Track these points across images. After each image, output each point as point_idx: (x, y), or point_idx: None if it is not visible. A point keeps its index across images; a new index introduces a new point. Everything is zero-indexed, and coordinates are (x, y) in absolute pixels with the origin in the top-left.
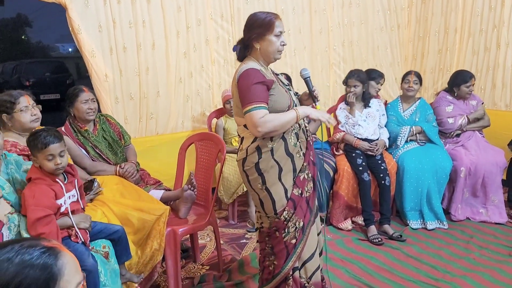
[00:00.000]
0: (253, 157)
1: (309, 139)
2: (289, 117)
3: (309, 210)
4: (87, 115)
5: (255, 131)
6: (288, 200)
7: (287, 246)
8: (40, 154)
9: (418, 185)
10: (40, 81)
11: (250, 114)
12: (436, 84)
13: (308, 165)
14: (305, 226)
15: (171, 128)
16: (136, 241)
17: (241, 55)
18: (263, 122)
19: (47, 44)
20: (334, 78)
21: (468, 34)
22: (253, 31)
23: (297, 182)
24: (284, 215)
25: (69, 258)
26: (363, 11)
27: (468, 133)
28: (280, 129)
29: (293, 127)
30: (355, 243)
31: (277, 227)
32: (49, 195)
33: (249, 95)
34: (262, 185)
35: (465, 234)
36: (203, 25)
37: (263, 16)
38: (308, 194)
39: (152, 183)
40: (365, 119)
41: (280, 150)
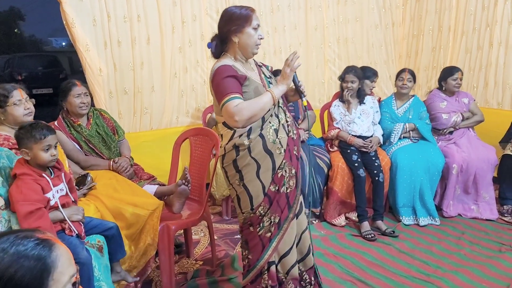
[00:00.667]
0: (231, 155)
1: (291, 135)
2: (265, 100)
3: (287, 206)
4: (80, 109)
5: (233, 122)
6: (264, 196)
7: (262, 240)
8: (36, 145)
9: (411, 182)
10: (33, 75)
11: (225, 106)
12: (429, 82)
13: (289, 161)
14: (281, 221)
15: (165, 123)
16: (129, 236)
17: (218, 51)
18: (239, 110)
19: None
20: (329, 75)
21: (462, 33)
22: (231, 24)
23: (275, 179)
24: (260, 210)
25: (63, 251)
26: (358, 8)
27: (461, 131)
28: (258, 113)
29: (272, 124)
30: (348, 238)
31: (251, 222)
32: (37, 189)
33: (222, 88)
34: (239, 182)
35: (457, 230)
36: (198, 20)
37: (240, 10)
38: (289, 190)
39: (146, 178)
40: (359, 116)
41: (258, 148)
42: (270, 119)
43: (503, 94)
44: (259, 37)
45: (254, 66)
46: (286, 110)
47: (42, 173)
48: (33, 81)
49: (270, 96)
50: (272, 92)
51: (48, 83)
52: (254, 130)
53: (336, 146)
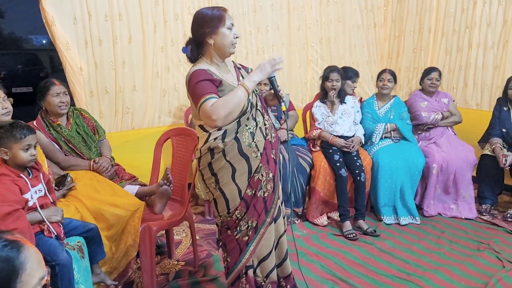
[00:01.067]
0: (206, 157)
1: (269, 138)
2: (239, 94)
3: (265, 211)
4: (59, 108)
5: (212, 122)
6: (241, 200)
7: (239, 244)
8: (16, 144)
9: (392, 181)
10: (12, 73)
11: (202, 108)
12: (410, 82)
13: (266, 165)
14: (258, 225)
15: (147, 123)
16: (110, 237)
17: (194, 56)
18: (215, 108)
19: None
20: (311, 75)
21: (442, 34)
22: (205, 27)
23: (251, 183)
24: (236, 214)
25: (32, 252)
26: (341, 9)
27: (440, 130)
28: (235, 109)
29: (249, 127)
30: (330, 238)
31: (228, 226)
32: (14, 190)
33: (197, 91)
34: (215, 185)
35: (437, 229)
36: (181, 19)
37: (212, 11)
38: (267, 194)
39: (127, 178)
40: (341, 116)
41: (233, 151)
42: (247, 122)
43: (481, 95)
44: (235, 36)
45: (232, 68)
46: (264, 113)
47: (20, 173)
48: (12, 80)
49: (243, 89)
50: (244, 85)
51: (28, 82)
52: (229, 133)
53: (318, 146)
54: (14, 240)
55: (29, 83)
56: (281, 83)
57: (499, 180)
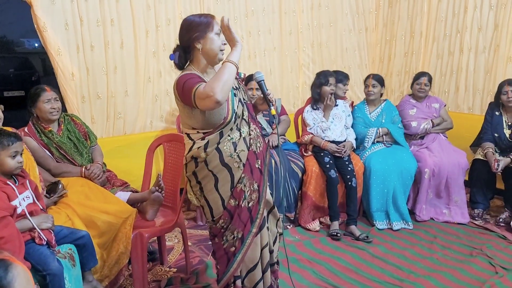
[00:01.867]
0: (191, 165)
1: (253, 149)
2: (228, 70)
3: (250, 221)
4: (50, 115)
5: (211, 99)
6: (224, 209)
7: (227, 253)
8: (4, 151)
9: (384, 186)
10: (4, 77)
11: (196, 94)
12: (402, 86)
13: (250, 175)
14: (244, 236)
15: (139, 128)
16: (101, 244)
17: (181, 62)
18: (208, 86)
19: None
20: (303, 79)
21: (433, 38)
22: (193, 31)
23: (234, 193)
24: (221, 223)
25: (20, 270)
26: (332, 13)
27: (432, 135)
28: (228, 79)
29: (231, 137)
30: (322, 243)
31: (215, 233)
32: (2, 197)
33: (187, 87)
34: (200, 192)
35: (429, 235)
36: (172, 24)
37: (200, 17)
38: (251, 204)
39: (119, 185)
40: (332, 121)
41: (214, 162)
42: (230, 132)
43: (473, 99)
44: (223, 42)
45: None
46: (251, 122)
47: (7, 180)
48: (4, 84)
49: (231, 65)
50: (230, 61)
51: (20, 86)
52: (211, 143)
53: (310, 151)
54: (1, 259)
55: (21, 87)
56: (273, 87)
57: (491, 185)
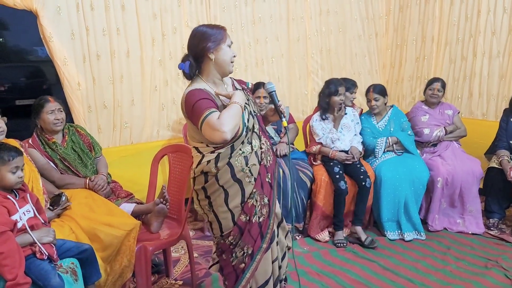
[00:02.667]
0: (200, 179)
1: (264, 163)
2: (239, 112)
3: (260, 236)
4: (54, 125)
5: (220, 134)
6: (234, 225)
7: (236, 270)
8: (4, 166)
9: (395, 196)
10: (16, 86)
11: (206, 122)
12: (414, 92)
13: (261, 190)
14: (254, 252)
15: (146, 137)
16: (105, 258)
17: (192, 71)
18: (223, 120)
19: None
20: (312, 86)
21: (445, 43)
22: (206, 42)
23: (245, 208)
24: (230, 239)
25: None
26: (341, 19)
27: (445, 143)
28: (238, 122)
29: (243, 151)
30: (332, 255)
31: (223, 249)
32: (2, 212)
33: (197, 108)
34: (209, 207)
35: (442, 245)
36: (179, 32)
37: (212, 28)
38: (262, 219)
39: (123, 196)
40: (341, 130)
41: (225, 177)
42: (241, 146)
43: (487, 105)
44: (233, 54)
45: (229, 86)
46: (262, 135)
47: (7, 195)
48: (16, 92)
49: (236, 106)
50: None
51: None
52: (222, 158)
53: (319, 159)
54: None
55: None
56: (281, 95)
57: (507, 193)
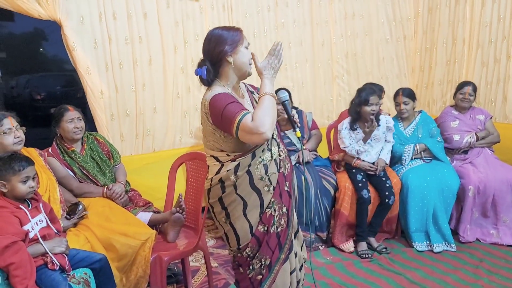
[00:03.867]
0: (217, 190)
1: (282, 171)
2: (273, 105)
3: (278, 247)
4: (74, 134)
5: (260, 135)
6: (252, 236)
7: (253, 283)
8: (15, 177)
9: (423, 205)
10: (51, 94)
11: (241, 127)
12: (444, 96)
13: (279, 199)
14: (272, 263)
15: (168, 145)
16: (120, 268)
17: (210, 77)
18: (259, 120)
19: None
20: (337, 91)
21: (477, 45)
22: (224, 45)
23: (263, 219)
24: (247, 251)
25: None
26: (367, 22)
27: (477, 150)
28: (274, 117)
29: (263, 158)
30: (356, 266)
31: (240, 263)
32: (13, 222)
33: (229, 114)
34: (226, 219)
35: (474, 258)
36: (201, 39)
37: (228, 30)
38: (280, 229)
39: (141, 205)
40: (370, 142)
41: (244, 185)
42: (261, 154)
43: None
44: (250, 56)
45: (245, 92)
46: (280, 142)
47: (19, 205)
48: (51, 100)
49: (269, 98)
50: (268, 94)
51: (66, 102)
52: (243, 166)
53: (342, 166)
54: None
55: (66, 103)
56: (305, 100)
57: None
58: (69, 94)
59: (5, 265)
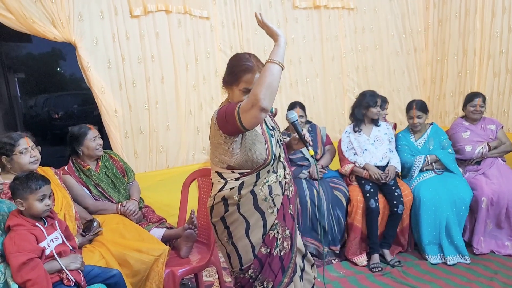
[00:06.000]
0: (220, 208)
1: (287, 193)
2: (270, 72)
3: (281, 270)
4: (97, 151)
5: (258, 108)
6: (254, 258)
7: None
8: (32, 195)
9: (436, 217)
10: (68, 113)
11: (240, 108)
12: (457, 108)
13: (283, 221)
14: (275, 287)
15: (181, 161)
16: (134, 284)
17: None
18: (254, 96)
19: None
20: (348, 104)
21: (488, 56)
22: (225, 75)
23: (266, 240)
24: (250, 273)
25: None
26: (377, 36)
27: (489, 160)
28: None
29: (267, 180)
30: (369, 280)
31: (242, 284)
32: (30, 239)
33: (230, 109)
34: (228, 239)
35: (489, 270)
36: (212, 57)
37: (237, 63)
38: (284, 252)
39: (155, 221)
40: (373, 143)
41: (247, 205)
42: (267, 175)
43: None
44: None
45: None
46: (286, 165)
47: (36, 222)
48: (68, 119)
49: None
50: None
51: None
52: (247, 185)
53: (354, 181)
54: None
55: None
56: (316, 114)
57: None
58: (86, 113)
59: (22, 281)
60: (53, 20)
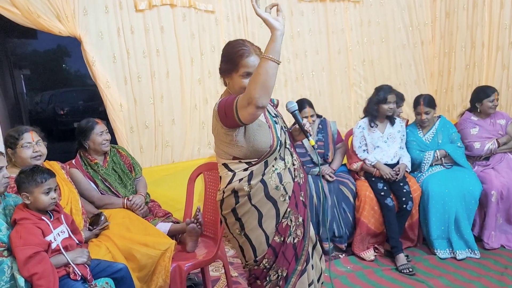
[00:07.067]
0: (230, 200)
1: (297, 180)
2: (264, 69)
3: (295, 258)
4: (104, 146)
5: (253, 106)
6: (268, 247)
7: None
8: (37, 188)
9: (444, 211)
10: (74, 109)
11: (238, 103)
12: (464, 101)
13: (295, 209)
14: (289, 275)
15: (187, 156)
16: (141, 278)
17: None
18: (249, 93)
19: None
20: (355, 98)
21: (497, 48)
22: (221, 64)
23: (279, 229)
24: (264, 263)
25: None
26: (384, 29)
27: (499, 156)
28: (270, 81)
29: (276, 167)
30: (377, 275)
31: (256, 275)
32: (36, 233)
33: (229, 102)
34: (240, 231)
35: (499, 265)
36: (217, 51)
37: (232, 50)
38: (297, 240)
39: (161, 216)
40: (386, 141)
41: (259, 195)
42: (274, 162)
43: None
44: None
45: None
46: (293, 152)
47: (42, 216)
48: (74, 115)
49: (266, 61)
50: (265, 57)
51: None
52: (256, 175)
53: (362, 176)
54: None
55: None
56: (322, 108)
57: None
58: (92, 108)
59: (28, 275)
60: (58, 15)
